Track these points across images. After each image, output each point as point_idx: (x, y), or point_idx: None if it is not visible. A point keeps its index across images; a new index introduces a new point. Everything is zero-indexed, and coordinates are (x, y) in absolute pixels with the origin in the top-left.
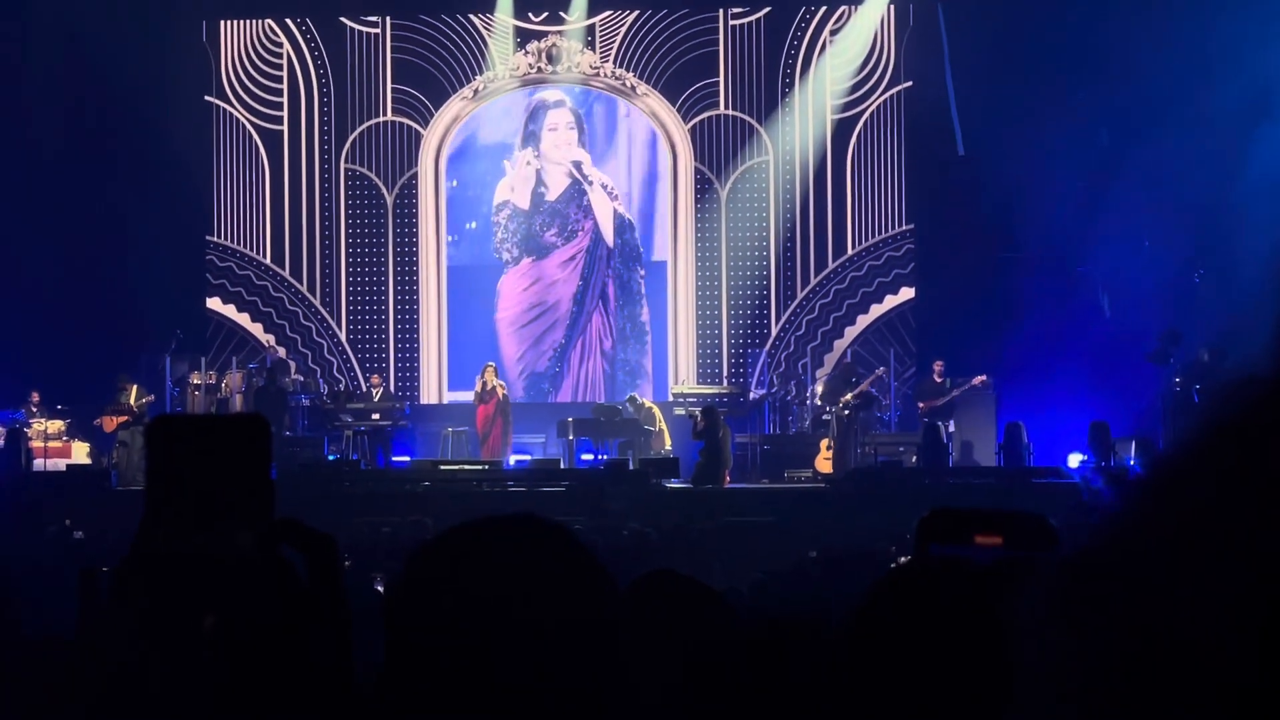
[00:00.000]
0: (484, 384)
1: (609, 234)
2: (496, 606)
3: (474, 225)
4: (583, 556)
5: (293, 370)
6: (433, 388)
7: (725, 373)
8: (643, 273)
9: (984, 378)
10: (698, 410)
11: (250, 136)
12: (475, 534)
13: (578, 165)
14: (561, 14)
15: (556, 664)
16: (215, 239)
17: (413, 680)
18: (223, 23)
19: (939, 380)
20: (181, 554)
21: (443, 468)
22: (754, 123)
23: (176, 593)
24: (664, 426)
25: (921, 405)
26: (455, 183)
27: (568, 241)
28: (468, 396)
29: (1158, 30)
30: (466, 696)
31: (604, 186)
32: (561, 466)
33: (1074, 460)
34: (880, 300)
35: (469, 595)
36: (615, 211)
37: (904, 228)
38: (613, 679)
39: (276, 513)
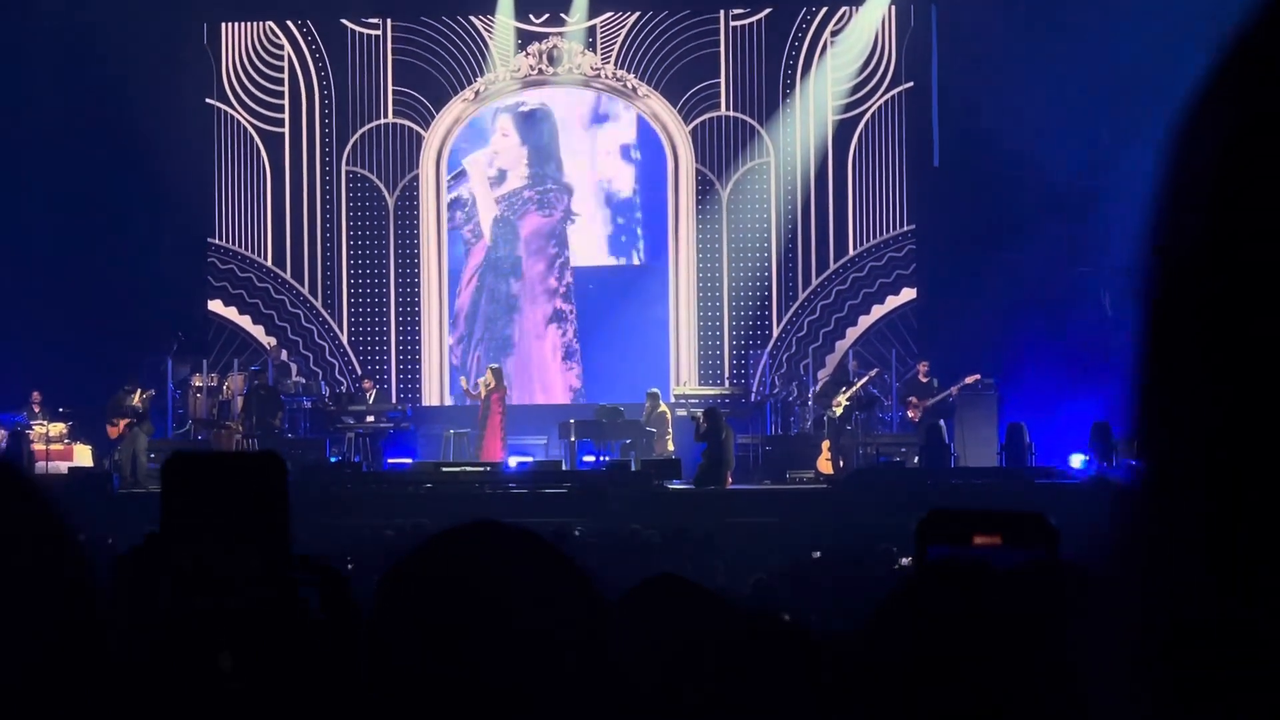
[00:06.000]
0: (486, 385)
1: (584, 239)
2: (473, 620)
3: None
4: (553, 559)
5: (294, 373)
6: (434, 390)
7: (727, 374)
8: (571, 280)
9: (977, 376)
10: (700, 412)
11: (251, 139)
12: (444, 549)
13: (551, 173)
14: (562, 15)
15: (540, 671)
16: (216, 241)
17: (398, 701)
18: (223, 25)
19: (924, 380)
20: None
21: (444, 470)
22: (755, 124)
23: (191, 588)
24: (670, 432)
25: (913, 401)
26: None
27: (543, 244)
28: (465, 400)
29: (1161, 28)
30: (453, 713)
31: (596, 188)
32: (563, 468)
33: (1076, 461)
34: (882, 301)
35: (445, 612)
36: (600, 215)
37: (905, 228)
38: (600, 680)
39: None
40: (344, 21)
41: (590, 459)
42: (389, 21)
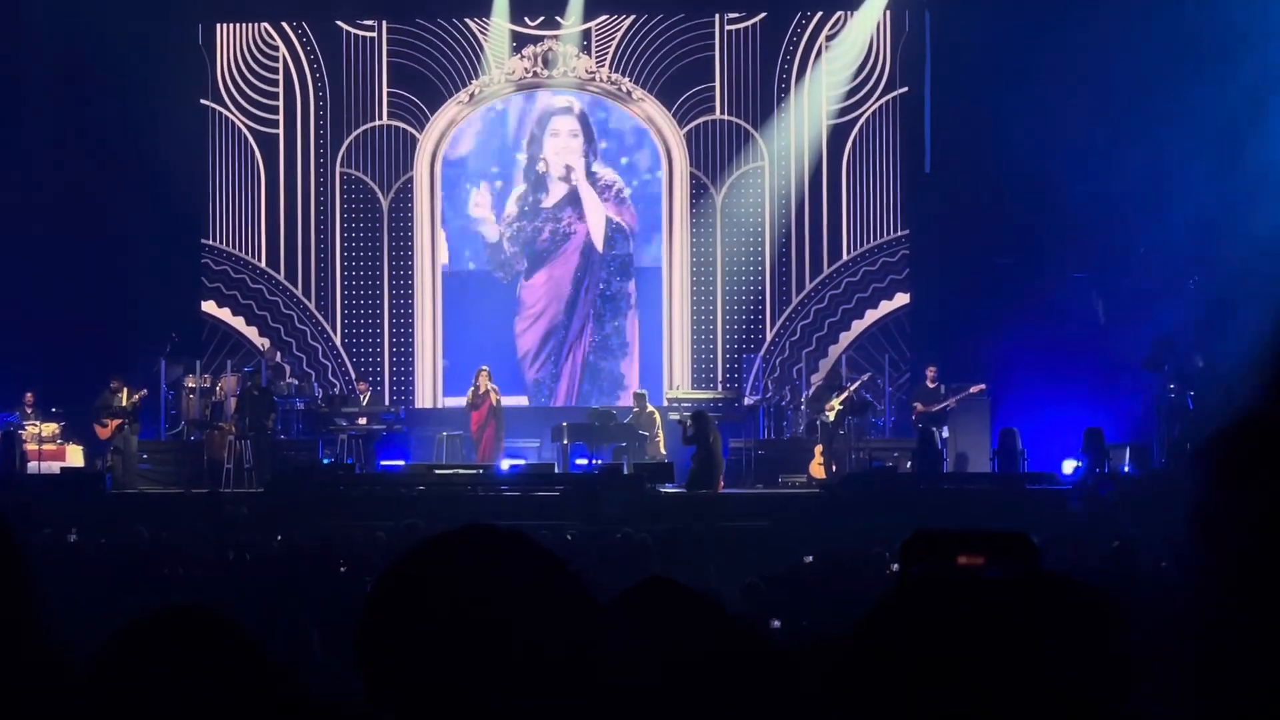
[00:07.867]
0: (477, 388)
1: (600, 242)
2: (466, 622)
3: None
4: (546, 562)
5: (288, 374)
6: (427, 392)
7: (720, 378)
8: (633, 283)
9: (981, 386)
10: (687, 416)
11: (246, 140)
12: (437, 553)
13: (569, 171)
14: (557, 18)
15: (533, 674)
16: (210, 242)
17: (392, 704)
18: (219, 26)
19: (932, 385)
20: None
21: (437, 472)
22: (749, 128)
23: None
24: (661, 434)
25: (918, 406)
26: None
27: (559, 249)
28: (462, 401)
29: (1153, 31)
30: (447, 714)
31: (603, 193)
32: (556, 471)
33: (1068, 466)
34: (875, 306)
35: (438, 615)
36: (609, 219)
37: (899, 233)
38: (592, 682)
39: (281, 518)
40: (339, 23)
41: (583, 462)
42: (384, 23)
